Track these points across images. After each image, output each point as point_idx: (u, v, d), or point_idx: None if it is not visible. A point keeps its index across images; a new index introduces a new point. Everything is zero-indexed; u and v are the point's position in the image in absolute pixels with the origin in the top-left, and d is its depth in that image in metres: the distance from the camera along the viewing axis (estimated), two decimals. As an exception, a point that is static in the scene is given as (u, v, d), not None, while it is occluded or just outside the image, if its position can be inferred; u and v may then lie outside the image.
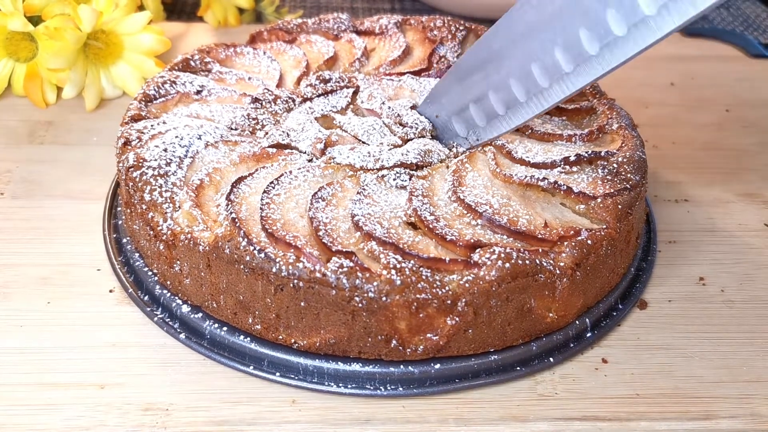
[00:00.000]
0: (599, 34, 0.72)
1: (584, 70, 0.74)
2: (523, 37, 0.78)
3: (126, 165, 0.83)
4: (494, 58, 0.82)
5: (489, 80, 0.83)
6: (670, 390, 0.75)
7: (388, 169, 0.83)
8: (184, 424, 0.70)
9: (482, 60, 0.83)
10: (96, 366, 0.75)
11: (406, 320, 0.71)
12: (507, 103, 0.82)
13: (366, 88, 0.97)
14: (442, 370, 0.74)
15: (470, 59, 0.85)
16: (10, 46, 1.15)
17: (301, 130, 0.88)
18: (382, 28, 1.12)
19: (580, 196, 0.80)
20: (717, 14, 1.72)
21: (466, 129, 0.87)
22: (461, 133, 0.88)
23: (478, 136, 0.86)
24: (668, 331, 0.82)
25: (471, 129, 0.87)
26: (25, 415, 0.70)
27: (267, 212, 0.75)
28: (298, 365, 0.74)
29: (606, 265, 0.79)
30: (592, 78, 0.74)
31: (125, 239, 0.88)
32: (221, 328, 0.77)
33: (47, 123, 1.13)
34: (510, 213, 0.77)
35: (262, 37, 1.13)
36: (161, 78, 0.97)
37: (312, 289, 0.71)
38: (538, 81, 0.78)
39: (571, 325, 0.79)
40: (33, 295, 0.83)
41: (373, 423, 0.71)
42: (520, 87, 0.80)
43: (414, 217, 0.77)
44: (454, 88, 0.88)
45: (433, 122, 0.91)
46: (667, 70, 1.36)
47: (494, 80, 0.83)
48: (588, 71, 0.74)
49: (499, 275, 0.71)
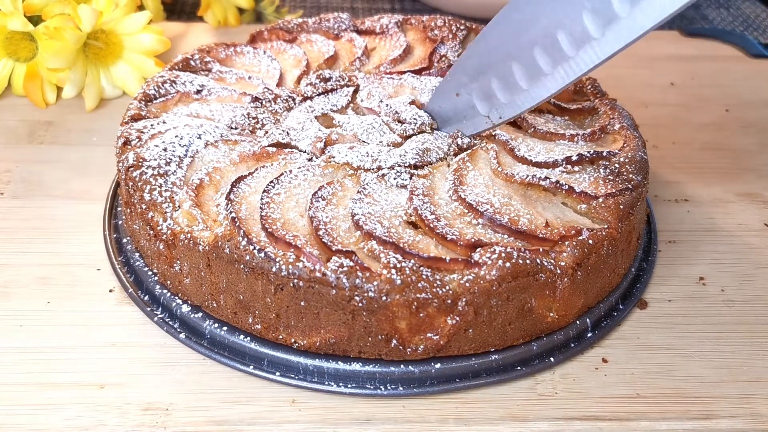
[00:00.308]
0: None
1: (613, 35, 0.71)
2: (548, 4, 0.76)
3: (126, 164, 0.83)
4: (517, 29, 0.80)
5: (511, 51, 0.81)
6: (670, 390, 0.75)
7: (387, 169, 0.83)
8: (183, 423, 0.70)
9: (504, 33, 0.81)
10: (96, 366, 0.75)
11: (406, 320, 0.71)
12: (531, 75, 0.80)
13: (366, 86, 0.97)
14: (443, 369, 0.74)
15: (491, 33, 0.83)
16: (9, 45, 1.15)
17: (301, 129, 0.88)
18: (382, 28, 1.12)
19: (581, 195, 0.80)
20: (717, 14, 1.72)
21: (488, 107, 0.85)
22: (483, 111, 0.86)
23: (501, 113, 0.84)
24: (668, 331, 0.82)
25: (493, 107, 0.85)
26: (25, 414, 0.70)
27: (267, 212, 0.75)
28: (298, 365, 0.74)
29: (607, 265, 0.79)
30: (622, 44, 0.71)
31: (125, 239, 0.88)
32: (221, 327, 0.77)
33: (47, 123, 1.13)
34: (511, 212, 0.77)
35: (262, 36, 1.13)
36: (161, 77, 0.97)
37: (312, 289, 0.71)
38: (564, 49, 0.76)
39: (572, 325, 0.79)
40: (33, 294, 0.83)
41: (373, 423, 0.71)
42: (545, 56, 0.78)
43: (414, 216, 0.77)
44: (476, 64, 0.85)
45: (442, 111, 0.89)
46: (667, 70, 1.36)
47: (517, 51, 0.80)
48: (618, 36, 0.71)
49: (500, 275, 0.71)
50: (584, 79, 1.02)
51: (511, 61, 0.81)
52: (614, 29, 0.72)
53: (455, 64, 0.89)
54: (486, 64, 0.84)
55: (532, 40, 0.78)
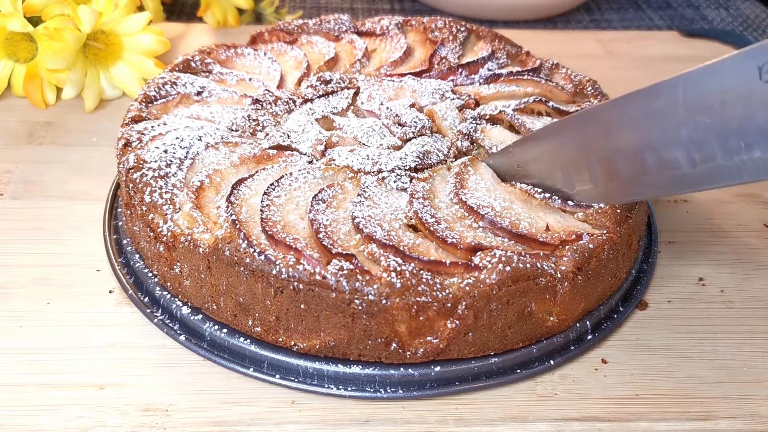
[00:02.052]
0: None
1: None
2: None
3: (126, 166, 0.83)
4: (649, 120, 0.69)
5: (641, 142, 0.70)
6: (669, 390, 0.75)
7: (387, 172, 0.83)
8: (183, 424, 0.70)
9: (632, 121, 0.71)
10: (95, 366, 0.75)
11: (406, 323, 0.71)
12: (662, 168, 0.69)
13: (366, 89, 0.97)
14: (443, 372, 0.74)
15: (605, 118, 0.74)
16: (9, 46, 1.15)
17: (301, 132, 0.88)
18: (383, 29, 1.12)
19: (576, 207, 0.80)
20: (716, 14, 1.72)
21: (579, 183, 0.77)
22: (565, 186, 0.79)
23: (602, 195, 0.77)
24: (668, 332, 0.82)
25: (593, 182, 0.76)
26: (25, 415, 0.70)
27: (267, 214, 0.75)
28: (298, 367, 0.74)
29: (608, 269, 0.79)
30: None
31: (125, 240, 0.88)
32: (221, 329, 0.77)
33: (47, 123, 1.13)
34: (512, 216, 0.77)
35: (262, 38, 1.13)
36: (162, 79, 0.97)
37: (312, 292, 0.71)
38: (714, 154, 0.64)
39: (572, 327, 0.79)
40: (33, 295, 0.83)
41: (372, 423, 0.71)
42: (682, 152, 0.67)
43: (415, 219, 0.77)
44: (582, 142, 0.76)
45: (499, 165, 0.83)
46: (666, 70, 1.35)
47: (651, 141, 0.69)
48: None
49: (500, 278, 0.71)
50: (584, 80, 1.03)
51: (644, 153, 0.70)
52: None
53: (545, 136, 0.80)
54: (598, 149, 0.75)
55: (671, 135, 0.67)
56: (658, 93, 0.68)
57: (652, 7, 1.76)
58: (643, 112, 0.69)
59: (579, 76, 1.04)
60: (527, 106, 0.95)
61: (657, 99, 0.68)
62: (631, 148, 0.71)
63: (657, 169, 0.69)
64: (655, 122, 0.68)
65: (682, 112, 0.66)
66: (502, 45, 1.09)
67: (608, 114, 0.74)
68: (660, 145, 0.68)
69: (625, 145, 0.72)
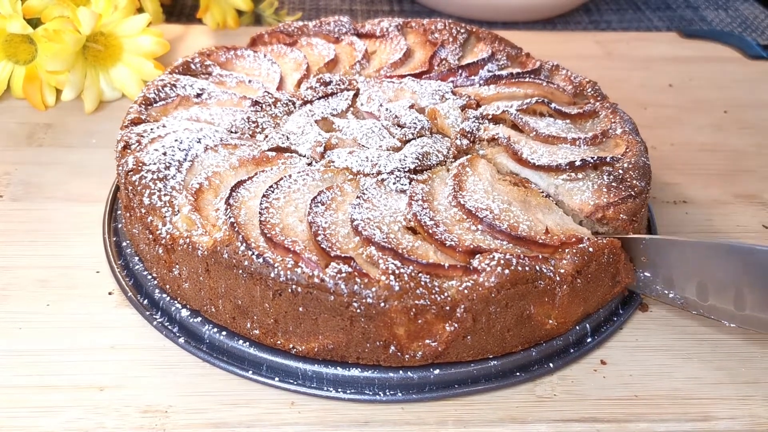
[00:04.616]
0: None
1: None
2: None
3: (125, 169, 0.83)
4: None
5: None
6: (668, 391, 0.75)
7: (387, 174, 0.83)
8: (182, 426, 0.70)
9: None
10: (95, 368, 0.75)
11: (404, 326, 0.71)
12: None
13: (366, 90, 0.97)
14: (441, 375, 0.74)
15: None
16: (9, 48, 1.15)
17: (301, 134, 0.88)
18: (383, 31, 1.12)
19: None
20: (715, 15, 1.73)
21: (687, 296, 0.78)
22: (693, 294, 0.78)
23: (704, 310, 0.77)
24: (667, 333, 0.82)
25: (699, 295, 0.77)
26: (25, 417, 0.70)
27: (266, 217, 0.75)
28: (297, 370, 0.74)
29: (608, 273, 0.79)
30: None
31: (125, 242, 0.88)
32: (220, 332, 0.77)
33: (46, 125, 1.13)
34: (510, 218, 0.77)
35: (262, 39, 1.13)
36: (161, 81, 0.97)
37: (310, 295, 0.71)
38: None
39: (572, 330, 0.79)
40: (32, 297, 0.83)
41: (371, 425, 0.71)
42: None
43: (414, 221, 0.77)
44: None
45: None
46: (665, 71, 1.36)
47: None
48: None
49: (499, 282, 0.71)
50: (584, 82, 1.03)
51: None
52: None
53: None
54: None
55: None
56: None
57: (651, 8, 1.77)
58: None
59: (579, 77, 1.04)
60: (530, 106, 0.95)
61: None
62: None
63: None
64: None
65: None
66: (502, 46, 1.10)
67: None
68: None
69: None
